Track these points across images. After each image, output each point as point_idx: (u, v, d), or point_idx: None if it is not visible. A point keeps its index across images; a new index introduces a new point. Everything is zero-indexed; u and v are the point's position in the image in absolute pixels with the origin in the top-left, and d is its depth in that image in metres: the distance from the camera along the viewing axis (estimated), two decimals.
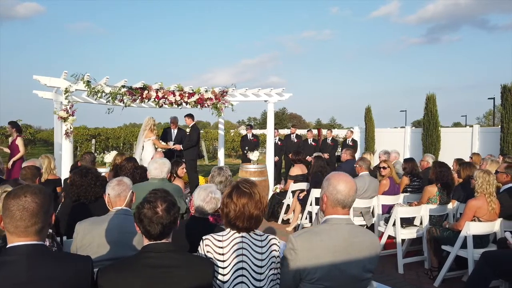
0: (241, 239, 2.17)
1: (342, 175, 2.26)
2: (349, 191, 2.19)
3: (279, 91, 9.32)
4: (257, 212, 2.21)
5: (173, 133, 9.36)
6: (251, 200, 2.20)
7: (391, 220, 5.05)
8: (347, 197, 2.19)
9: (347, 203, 2.20)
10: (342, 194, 2.18)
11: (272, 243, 2.26)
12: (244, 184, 2.25)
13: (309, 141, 11.72)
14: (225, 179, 3.65)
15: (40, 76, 7.18)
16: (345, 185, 2.20)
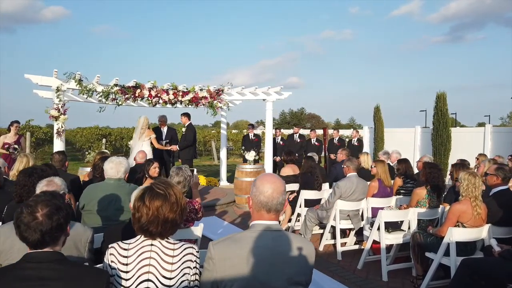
0: (150, 247, 1.97)
1: (268, 176, 2.05)
2: (272, 193, 1.96)
3: (278, 90, 9.10)
4: (173, 215, 2.01)
5: (164, 132, 9.24)
6: (166, 203, 2.00)
7: (376, 224, 4.76)
8: (270, 199, 1.96)
9: (272, 206, 1.97)
10: (265, 195, 1.96)
11: (188, 252, 2.05)
12: (159, 185, 2.05)
13: (312, 141, 11.43)
14: (183, 179, 3.47)
15: (31, 75, 7.21)
16: (269, 185, 1.97)
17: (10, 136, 8.27)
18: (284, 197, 2.02)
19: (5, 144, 8.07)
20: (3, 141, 8.17)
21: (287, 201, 2.09)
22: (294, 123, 75.33)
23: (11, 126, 8.36)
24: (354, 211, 5.52)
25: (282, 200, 2.00)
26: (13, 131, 8.30)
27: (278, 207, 2.00)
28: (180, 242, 2.07)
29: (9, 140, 8.18)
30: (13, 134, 8.30)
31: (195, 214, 3.50)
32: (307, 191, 6.22)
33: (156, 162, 5.21)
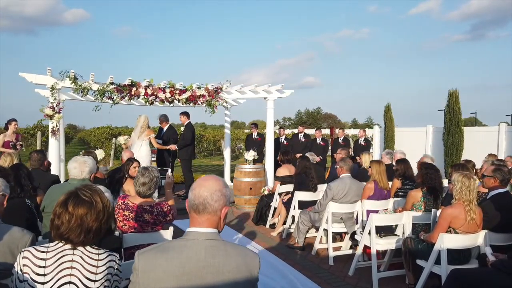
0: (71, 252, 1.79)
1: (206, 178, 1.81)
2: (207, 196, 1.71)
3: (279, 88, 8.85)
4: (97, 224, 1.83)
5: (163, 131, 9.10)
6: (91, 211, 1.81)
7: (366, 228, 4.48)
8: (205, 203, 1.72)
9: (199, 207, 1.72)
10: (199, 199, 1.72)
11: (110, 259, 1.86)
12: (85, 191, 1.87)
13: (317, 140, 11.11)
14: (149, 180, 3.28)
15: (26, 74, 7.16)
16: (204, 188, 1.73)
17: (9, 134, 8.25)
18: (223, 202, 1.76)
19: (6, 142, 8.04)
20: (3, 140, 8.16)
21: (226, 208, 1.83)
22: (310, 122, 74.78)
23: (8, 124, 8.28)
24: (347, 214, 5.24)
25: (219, 205, 1.75)
26: (11, 129, 8.25)
27: (208, 208, 1.74)
28: (103, 249, 1.88)
29: (9, 138, 8.16)
30: (11, 132, 8.26)
31: (163, 217, 3.31)
32: (301, 192, 5.97)
33: (136, 161, 5.04)
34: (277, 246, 5.85)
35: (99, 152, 7.38)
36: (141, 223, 3.24)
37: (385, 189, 5.28)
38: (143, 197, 3.29)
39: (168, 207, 3.38)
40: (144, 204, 3.27)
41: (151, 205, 3.30)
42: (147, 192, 3.27)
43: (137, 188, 3.26)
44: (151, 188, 3.29)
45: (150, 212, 3.26)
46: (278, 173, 6.84)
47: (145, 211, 3.25)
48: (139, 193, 3.27)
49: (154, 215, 3.27)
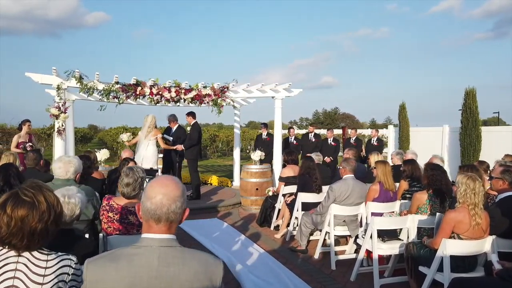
0: (16, 259, 1.68)
1: (161, 179, 1.66)
2: (162, 199, 1.57)
3: (286, 87, 8.68)
4: (42, 225, 1.70)
5: (172, 131, 9.04)
6: (33, 212, 1.68)
7: (368, 232, 4.28)
8: (159, 207, 1.57)
9: (162, 216, 1.59)
10: (153, 202, 1.58)
11: (64, 264, 1.74)
12: (26, 190, 1.73)
13: (329, 140, 10.89)
14: (133, 180, 3.16)
15: (32, 73, 7.21)
16: (158, 190, 1.59)
17: (22, 135, 8.27)
18: (179, 204, 1.62)
19: (20, 143, 8.09)
20: (17, 140, 8.17)
21: (187, 212, 1.68)
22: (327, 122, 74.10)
23: (23, 125, 8.33)
24: (350, 216, 5.04)
25: (175, 208, 1.60)
26: (24, 130, 8.27)
27: (171, 216, 1.60)
28: (56, 253, 1.77)
29: (23, 139, 8.16)
30: (25, 133, 8.30)
31: None
32: (304, 193, 5.78)
33: (132, 161, 4.96)
34: (279, 248, 5.69)
35: (103, 152, 7.37)
36: (126, 225, 3.14)
37: (391, 191, 5.05)
38: (128, 198, 3.18)
39: None
40: (129, 206, 3.17)
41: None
42: (131, 193, 3.16)
43: (121, 188, 3.16)
44: (135, 189, 3.18)
45: (135, 214, 3.16)
46: (282, 173, 6.67)
47: (130, 213, 3.15)
48: (123, 194, 3.17)
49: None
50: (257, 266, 4.91)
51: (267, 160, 9.46)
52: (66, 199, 2.41)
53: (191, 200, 8.47)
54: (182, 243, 1.87)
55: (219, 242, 5.81)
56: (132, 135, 8.83)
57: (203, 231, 6.44)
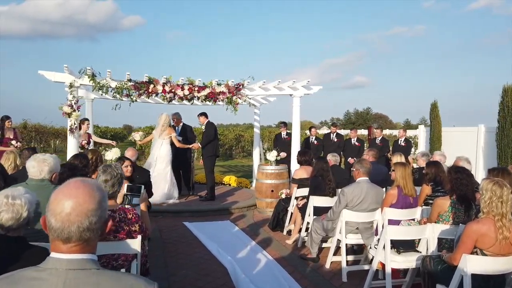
0: None
1: (69, 186, 1.30)
2: (69, 215, 1.23)
3: (305, 84, 8.26)
4: None
5: (177, 130, 8.84)
6: None
7: (381, 242, 3.83)
8: (67, 226, 1.24)
9: (71, 236, 1.24)
10: (58, 219, 1.24)
11: None
12: None
13: (352, 141, 10.35)
14: (111, 177, 2.90)
15: (45, 71, 7.19)
16: (65, 201, 1.25)
17: (82, 134, 7.87)
18: (95, 219, 1.27)
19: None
20: None
21: (110, 222, 1.35)
22: (359, 123, 72.45)
23: (82, 124, 7.91)
24: (364, 223, 4.59)
25: (89, 224, 1.26)
26: (83, 129, 7.96)
27: (84, 235, 1.26)
28: None
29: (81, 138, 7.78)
30: (84, 132, 7.98)
31: (127, 224, 2.92)
32: (317, 197, 5.37)
33: (128, 160, 4.74)
34: (289, 255, 5.30)
35: (114, 151, 7.23)
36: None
37: (411, 196, 4.56)
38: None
39: (135, 215, 2.98)
40: None
41: (113, 209, 2.92)
42: (110, 190, 2.89)
43: None
44: (114, 185, 2.91)
45: (112, 218, 2.88)
46: (295, 175, 6.27)
47: None
48: None
49: (115, 221, 2.89)
50: (261, 275, 4.55)
51: (286, 160, 9.08)
52: (10, 200, 2.13)
53: (205, 201, 8.23)
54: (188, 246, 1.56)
55: (226, 247, 5.49)
56: (144, 135, 8.69)
57: (211, 234, 6.15)
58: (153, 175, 8.10)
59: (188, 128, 9.01)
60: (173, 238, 6.04)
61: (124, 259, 3.01)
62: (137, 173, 5.39)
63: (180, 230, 6.47)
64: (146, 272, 3.33)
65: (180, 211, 7.56)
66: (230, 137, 24.42)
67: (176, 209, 7.63)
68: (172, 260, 5.03)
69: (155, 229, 6.46)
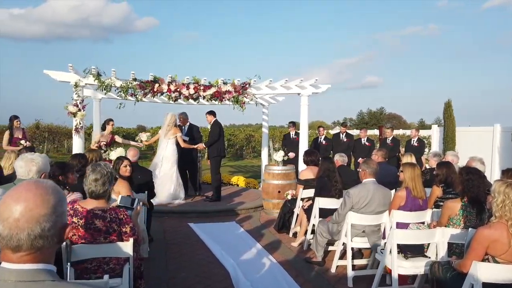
0: None
1: (19, 188, 1.17)
2: (18, 221, 1.11)
3: (313, 82, 8.08)
4: None
5: (184, 130, 8.74)
6: None
7: (388, 247, 3.65)
8: (15, 233, 1.11)
9: (22, 244, 1.12)
10: (5, 225, 1.12)
11: None
12: None
13: (362, 140, 10.14)
14: (101, 175, 2.79)
15: (50, 71, 7.17)
16: (13, 206, 1.12)
17: (105, 134, 7.96)
18: (49, 225, 1.14)
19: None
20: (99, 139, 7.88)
21: (68, 229, 1.21)
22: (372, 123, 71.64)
23: (106, 124, 8.05)
24: (371, 226, 4.40)
25: (43, 231, 1.13)
26: (108, 130, 7.99)
27: (37, 243, 1.14)
28: None
29: (104, 139, 7.82)
30: (108, 133, 7.99)
31: (118, 224, 2.81)
32: (322, 198, 5.21)
33: (127, 160, 4.64)
34: (293, 259, 5.15)
35: (119, 151, 7.17)
36: (92, 232, 2.77)
37: (420, 198, 4.36)
38: (96, 197, 2.81)
39: (126, 215, 2.87)
40: (96, 209, 2.80)
41: (104, 209, 2.81)
42: (100, 190, 2.79)
43: (89, 186, 2.79)
44: (105, 184, 2.80)
45: (102, 218, 2.79)
46: (301, 175, 6.10)
47: (96, 217, 2.78)
48: (92, 193, 2.79)
49: (106, 221, 2.78)
50: (263, 279, 4.41)
51: (295, 161, 8.92)
52: None
53: (211, 202, 8.13)
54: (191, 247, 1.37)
55: (230, 249, 5.36)
56: (150, 135, 8.63)
57: (216, 236, 6.03)
58: (159, 175, 8.04)
59: (195, 128, 8.94)
60: (176, 239, 5.94)
61: (115, 263, 2.90)
62: (139, 173, 5.30)
63: (184, 231, 6.37)
64: (141, 275, 3.22)
65: (185, 212, 7.46)
66: (240, 137, 24.30)
67: (181, 210, 7.54)
68: (174, 262, 4.93)
69: (159, 230, 6.37)
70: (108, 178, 2.82)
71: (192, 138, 8.71)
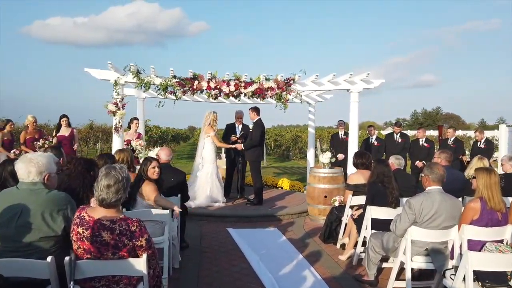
0: None
1: None
2: None
3: (364, 77, 7.35)
4: None
5: (238, 130, 8.29)
6: None
7: (460, 272, 2.94)
8: None
9: None
10: None
11: None
12: None
13: (420, 141, 9.18)
14: (115, 181, 2.36)
15: (91, 69, 7.04)
16: None
17: (131, 133, 7.84)
18: None
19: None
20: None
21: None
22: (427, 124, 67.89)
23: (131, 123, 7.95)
24: (436, 243, 3.67)
25: None
26: (133, 129, 7.89)
27: None
28: None
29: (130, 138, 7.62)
30: (133, 131, 7.88)
31: (129, 238, 2.38)
32: (375, 207, 4.52)
33: (155, 161, 4.24)
34: (341, 275, 4.51)
35: (157, 150, 6.89)
36: (98, 246, 2.36)
37: (499, 211, 3.56)
38: (107, 206, 2.39)
39: (140, 226, 2.43)
40: (104, 218, 2.38)
41: (113, 220, 2.39)
42: (112, 198, 2.36)
43: (99, 193, 2.38)
44: (118, 192, 2.37)
45: (110, 230, 2.36)
46: (349, 179, 5.41)
47: (103, 228, 2.36)
48: (102, 201, 2.38)
49: (115, 234, 2.36)
50: None
51: (344, 163, 8.23)
52: None
53: (252, 206, 7.64)
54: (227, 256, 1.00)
55: (269, 260, 4.84)
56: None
57: (255, 243, 5.54)
58: (199, 176, 7.71)
59: (248, 128, 8.37)
60: (212, 246, 5.51)
61: (127, 283, 2.47)
62: (172, 174, 4.93)
63: (222, 238, 5.93)
64: None
65: (225, 216, 7.04)
66: (287, 137, 23.74)
67: (221, 214, 7.13)
68: (206, 273, 4.48)
69: (196, 235, 5.99)
70: (123, 185, 2.39)
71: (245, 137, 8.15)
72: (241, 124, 8.45)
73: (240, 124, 8.43)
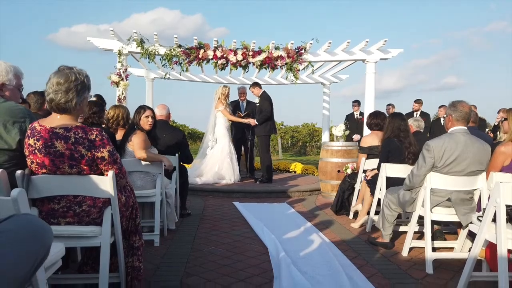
0: None
1: None
2: None
3: (381, 45, 6.90)
4: None
5: (242, 106, 7.91)
6: None
7: (488, 212, 2.47)
8: None
9: None
10: None
11: None
12: None
13: (442, 121, 8.61)
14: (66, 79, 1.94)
15: (93, 38, 6.84)
16: None
17: None
18: None
19: None
20: None
21: None
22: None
23: None
24: (460, 192, 3.19)
25: None
26: None
27: None
28: None
29: None
30: None
31: (87, 148, 2.02)
32: (391, 164, 4.06)
33: (150, 109, 3.88)
34: (352, 239, 4.07)
35: None
36: (52, 157, 2.02)
37: None
38: (58, 110, 2.03)
39: (100, 135, 2.06)
40: (57, 127, 2.04)
41: (68, 127, 2.04)
42: (61, 99, 2.00)
43: (47, 92, 2.01)
44: (69, 92, 2.01)
45: (65, 139, 2.02)
46: (363, 142, 4.94)
47: (56, 137, 2.01)
48: (51, 101, 2.01)
49: (69, 143, 2.01)
50: (310, 257, 3.41)
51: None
52: None
53: (261, 184, 7.25)
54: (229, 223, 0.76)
55: (274, 227, 4.41)
56: None
57: (261, 214, 5.14)
58: (211, 153, 7.39)
59: (254, 105, 8.00)
60: (214, 215, 5.14)
61: (91, 204, 2.12)
62: (167, 132, 4.60)
63: (226, 209, 5.55)
64: (136, 230, 2.41)
65: (231, 191, 6.67)
66: (303, 133, 23.26)
67: (228, 189, 6.76)
68: (203, 235, 4.10)
69: (198, 206, 5.64)
70: (75, 86, 2.03)
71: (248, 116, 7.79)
72: (245, 101, 8.07)
73: (244, 101, 8.04)
